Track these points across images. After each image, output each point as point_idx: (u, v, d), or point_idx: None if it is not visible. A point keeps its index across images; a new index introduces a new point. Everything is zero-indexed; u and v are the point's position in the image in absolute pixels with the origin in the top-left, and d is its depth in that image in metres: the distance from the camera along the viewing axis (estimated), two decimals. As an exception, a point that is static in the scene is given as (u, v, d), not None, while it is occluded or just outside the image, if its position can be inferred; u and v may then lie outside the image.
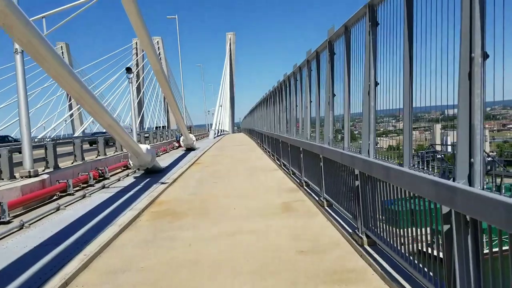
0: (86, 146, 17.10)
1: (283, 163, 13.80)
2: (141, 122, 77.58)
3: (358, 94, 5.61)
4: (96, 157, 16.17)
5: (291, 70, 12.12)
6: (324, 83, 7.82)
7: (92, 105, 9.37)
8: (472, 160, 2.83)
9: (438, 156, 4.75)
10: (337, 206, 6.95)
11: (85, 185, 12.30)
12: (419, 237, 3.96)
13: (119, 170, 16.13)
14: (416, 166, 3.83)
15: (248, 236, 6.26)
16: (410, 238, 4.07)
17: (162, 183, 12.12)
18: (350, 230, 5.83)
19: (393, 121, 5.39)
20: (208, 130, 68.03)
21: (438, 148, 5.03)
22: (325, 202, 7.62)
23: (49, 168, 11.98)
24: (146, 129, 52.43)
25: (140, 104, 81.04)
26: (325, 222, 6.84)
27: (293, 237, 6.06)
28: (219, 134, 64.67)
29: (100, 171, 13.67)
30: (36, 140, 38.38)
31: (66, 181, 11.04)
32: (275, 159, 16.04)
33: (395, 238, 4.42)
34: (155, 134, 31.08)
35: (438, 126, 4.89)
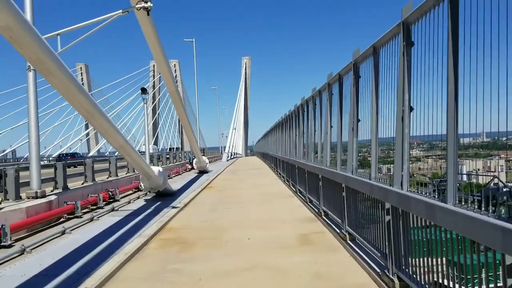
0: (98, 165, 16.68)
1: (299, 189, 13.28)
2: (156, 143, 78.79)
3: (387, 119, 5.29)
4: (108, 178, 15.89)
5: (308, 94, 11.89)
6: (347, 107, 7.47)
7: (102, 125, 9.02)
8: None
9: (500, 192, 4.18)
10: (361, 240, 6.38)
11: (94, 207, 12.01)
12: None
13: (130, 192, 15.88)
14: (459, 202, 3.42)
15: (264, 273, 5.74)
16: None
17: (173, 207, 11.80)
18: (379, 270, 5.30)
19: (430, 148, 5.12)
20: (222, 153, 68.42)
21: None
22: (347, 236, 7.00)
23: (58, 188, 11.64)
24: (159, 150, 52.80)
25: (155, 125, 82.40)
26: (348, 258, 6.28)
27: (314, 276, 5.53)
28: (232, 157, 64.82)
29: (110, 193, 13.41)
30: (50, 158, 39.37)
31: (74, 203, 10.72)
32: (290, 185, 15.59)
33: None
34: (168, 156, 30.88)
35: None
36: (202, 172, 26.94)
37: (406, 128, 4.55)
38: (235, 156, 69.83)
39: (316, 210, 10.08)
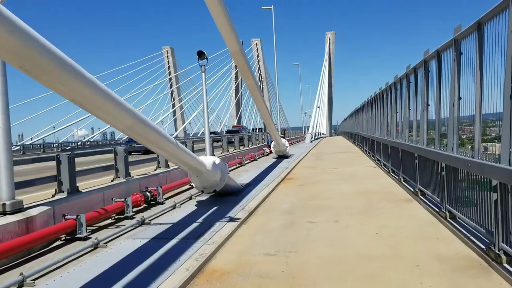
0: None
1: (420, 189, 10.44)
2: (239, 122, 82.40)
3: (491, 96, 5.94)
4: (155, 169, 14.19)
5: (403, 72, 12.59)
6: (447, 85, 8.24)
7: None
8: None
9: None
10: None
11: (121, 216, 9.86)
12: None
13: (184, 188, 14.10)
14: None
15: None
16: None
17: (231, 219, 9.23)
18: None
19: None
20: (305, 133, 68.46)
21: None
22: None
23: (62, 192, 9.06)
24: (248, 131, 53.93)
25: (238, 105, 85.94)
26: None
27: None
28: (316, 137, 64.26)
29: (149, 194, 11.27)
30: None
31: (76, 217, 7.96)
32: (401, 179, 13.14)
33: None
34: (241, 139, 30.23)
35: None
36: (282, 157, 26.06)
37: None
38: (319, 137, 69.14)
39: (480, 242, 6.42)
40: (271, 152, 28.16)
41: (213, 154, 19.84)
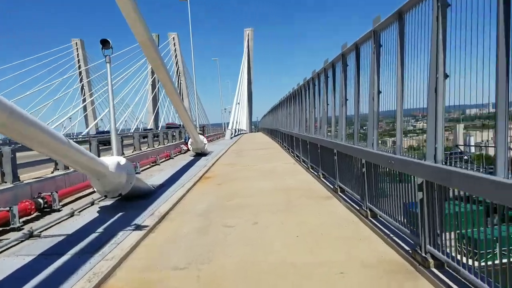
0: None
1: (340, 186, 10.36)
2: (156, 119, 79.47)
3: (413, 89, 5.74)
4: (53, 172, 12.59)
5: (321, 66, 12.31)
6: (366, 79, 8.01)
7: None
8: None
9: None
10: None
11: (6, 228, 8.48)
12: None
13: (88, 191, 12.72)
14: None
15: None
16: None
17: (138, 227, 8.24)
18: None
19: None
20: (225, 130, 68.43)
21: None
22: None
23: None
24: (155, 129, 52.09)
25: (155, 100, 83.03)
26: None
27: None
28: (236, 133, 64.42)
29: (42, 200, 9.82)
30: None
31: None
32: (320, 176, 12.99)
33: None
34: (155, 136, 29.08)
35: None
36: (200, 154, 25.31)
37: (440, 97, 4.78)
38: (239, 133, 69.41)
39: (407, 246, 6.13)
40: (188, 149, 27.26)
41: (123, 153, 18.42)
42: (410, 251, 5.53)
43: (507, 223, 3.62)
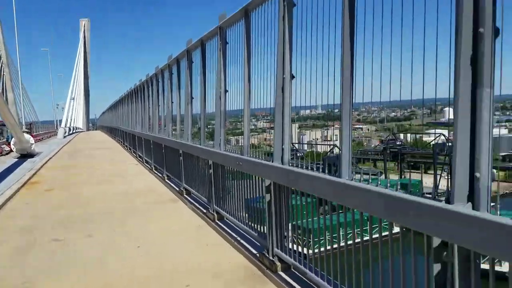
0: None
1: (186, 188, 9.73)
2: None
3: (261, 89, 5.66)
4: None
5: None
6: (212, 77, 7.83)
7: None
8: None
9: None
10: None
11: None
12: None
13: None
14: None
15: None
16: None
17: None
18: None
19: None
20: (58, 127, 62.82)
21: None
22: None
23: None
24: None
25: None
26: None
27: None
28: (71, 132, 59.90)
29: None
30: None
31: None
32: (165, 177, 12.33)
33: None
34: None
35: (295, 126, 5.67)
36: (26, 155, 22.41)
37: (287, 98, 4.77)
38: (75, 131, 65.47)
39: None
40: (11, 150, 24.13)
41: None
42: (258, 255, 5.38)
43: (338, 213, 3.95)
